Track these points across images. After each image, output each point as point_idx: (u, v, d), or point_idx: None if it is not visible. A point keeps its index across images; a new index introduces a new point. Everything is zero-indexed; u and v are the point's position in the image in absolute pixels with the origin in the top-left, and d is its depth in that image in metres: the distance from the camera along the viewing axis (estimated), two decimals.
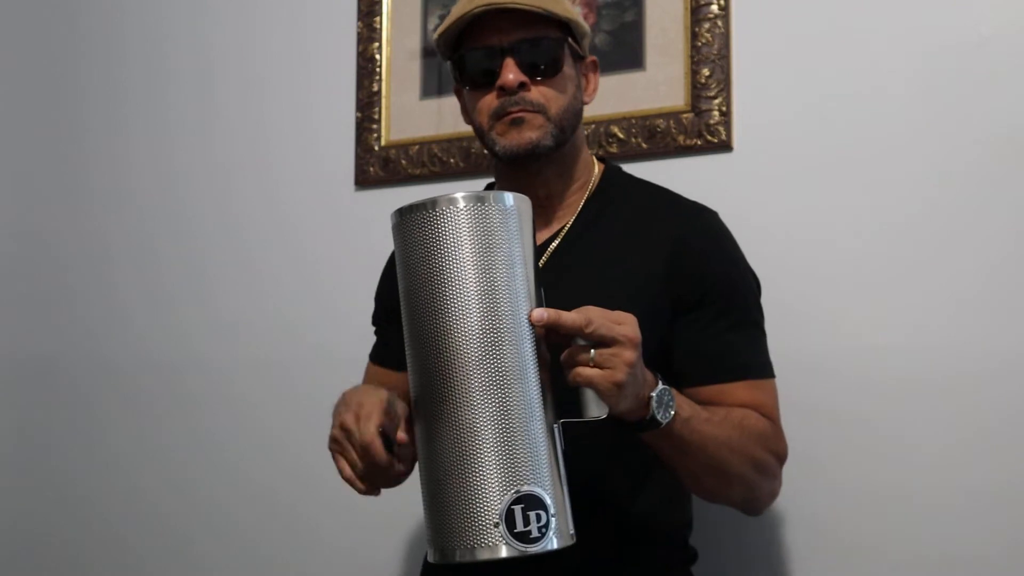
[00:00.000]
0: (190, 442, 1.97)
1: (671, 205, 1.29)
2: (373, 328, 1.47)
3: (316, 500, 1.85)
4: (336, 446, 1.07)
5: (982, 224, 1.45)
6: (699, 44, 1.62)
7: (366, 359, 1.46)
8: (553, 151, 1.23)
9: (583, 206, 1.29)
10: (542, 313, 0.95)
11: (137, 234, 2.08)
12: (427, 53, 1.85)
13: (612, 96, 1.65)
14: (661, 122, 1.64)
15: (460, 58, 1.26)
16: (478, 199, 0.95)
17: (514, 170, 1.27)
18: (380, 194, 1.85)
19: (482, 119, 1.25)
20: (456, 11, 1.24)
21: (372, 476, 1.04)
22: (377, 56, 1.88)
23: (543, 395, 0.95)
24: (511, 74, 1.20)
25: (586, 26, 1.28)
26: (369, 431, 1.01)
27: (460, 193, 0.95)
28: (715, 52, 1.61)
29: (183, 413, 1.99)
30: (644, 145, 1.65)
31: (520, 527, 0.90)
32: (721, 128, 1.60)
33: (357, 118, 1.89)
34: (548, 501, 0.92)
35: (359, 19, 1.90)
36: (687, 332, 1.20)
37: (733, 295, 1.22)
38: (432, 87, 1.84)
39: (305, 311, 1.90)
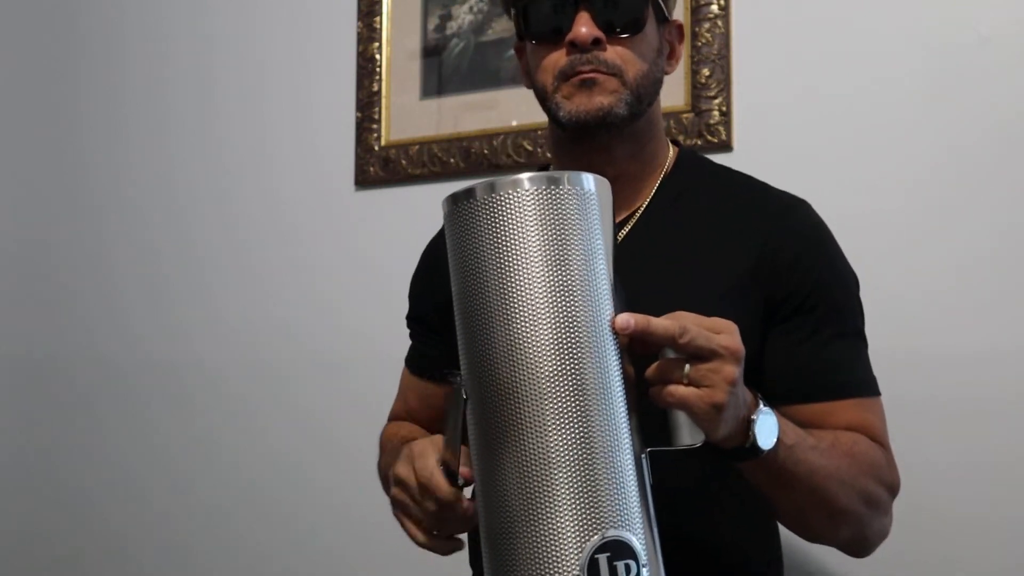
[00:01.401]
0: (189, 442, 1.97)
1: (760, 196, 1.13)
2: (408, 331, 1.31)
3: (314, 501, 1.85)
4: (399, 508, 0.94)
5: (982, 222, 1.45)
6: (699, 44, 1.62)
7: (364, 359, 1.40)
8: (626, 123, 1.07)
9: (658, 188, 1.12)
10: (628, 319, 0.77)
11: (137, 234, 2.08)
12: (427, 53, 1.85)
13: None
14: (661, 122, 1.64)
15: (525, 7, 1.08)
16: (550, 180, 0.78)
17: (578, 143, 1.08)
18: (380, 194, 1.85)
19: (546, 79, 1.07)
20: None
21: (443, 522, 0.90)
22: (377, 56, 1.88)
23: (628, 419, 0.78)
24: (584, 27, 1.03)
25: None
26: (427, 467, 0.89)
27: (526, 174, 0.79)
28: (715, 52, 1.61)
29: (182, 413, 1.99)
30: None
31: None
32: (721, 128, 1.60)
33: (357, 118, 1.88)
34: (638, 548, 0.74)
35: (359, 19, 1.90)
36: (782, 344, 1.05)
37: (834, 301, 1.07)
38: (432, 87, 1.83)
39: (305, 311, 1.90)
